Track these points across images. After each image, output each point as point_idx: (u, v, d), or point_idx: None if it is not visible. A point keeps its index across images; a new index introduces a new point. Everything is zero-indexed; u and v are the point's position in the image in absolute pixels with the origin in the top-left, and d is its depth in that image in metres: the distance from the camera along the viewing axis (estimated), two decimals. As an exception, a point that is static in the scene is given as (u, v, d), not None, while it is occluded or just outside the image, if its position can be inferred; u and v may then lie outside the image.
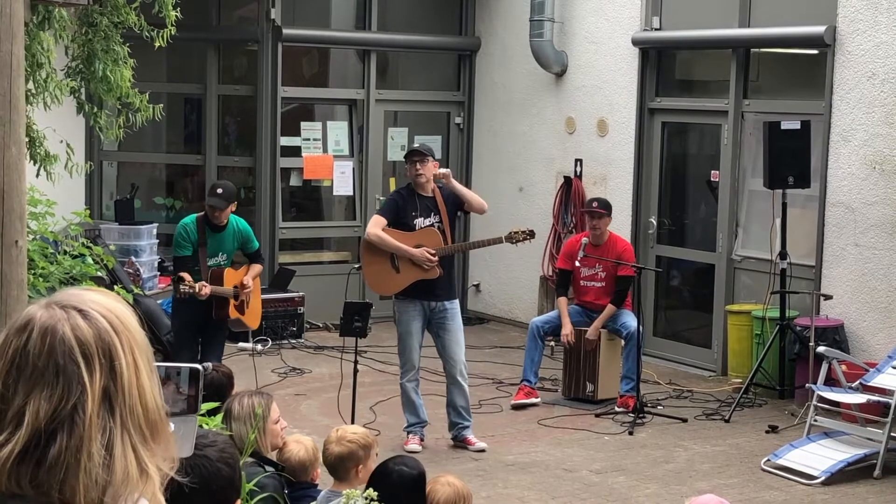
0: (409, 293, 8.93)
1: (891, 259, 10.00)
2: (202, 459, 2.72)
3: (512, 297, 13.67)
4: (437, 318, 8.93)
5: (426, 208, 8.93)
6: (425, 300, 8.90)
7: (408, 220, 8.90)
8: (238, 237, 9.03)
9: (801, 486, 8.28)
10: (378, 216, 9.02)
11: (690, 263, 12.22)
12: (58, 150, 8.13)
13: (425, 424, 9.08)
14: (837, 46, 10.35)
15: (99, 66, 8.10)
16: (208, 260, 8.88)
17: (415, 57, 14.32)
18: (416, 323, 8.92)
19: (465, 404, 9.08)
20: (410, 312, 8.92)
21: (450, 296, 9.02)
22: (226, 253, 9.00)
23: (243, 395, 5.28)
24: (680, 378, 11.26)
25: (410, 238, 8.86)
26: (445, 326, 8.94)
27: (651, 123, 12.18)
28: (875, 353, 9.89)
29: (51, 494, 1.75)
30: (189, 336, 8.98)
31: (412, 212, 8.90)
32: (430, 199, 8.96)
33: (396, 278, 8.94)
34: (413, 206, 8.91)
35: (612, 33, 12.34)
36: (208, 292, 8.66)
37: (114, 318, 1.84)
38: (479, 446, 9.01)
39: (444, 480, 5.25)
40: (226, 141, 13.74)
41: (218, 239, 8.93)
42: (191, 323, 8.93)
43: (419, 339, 8.98)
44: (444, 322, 8.93)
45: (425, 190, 8.94)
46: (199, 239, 8.83)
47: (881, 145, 10.05)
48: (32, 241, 8.34)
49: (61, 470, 1.74)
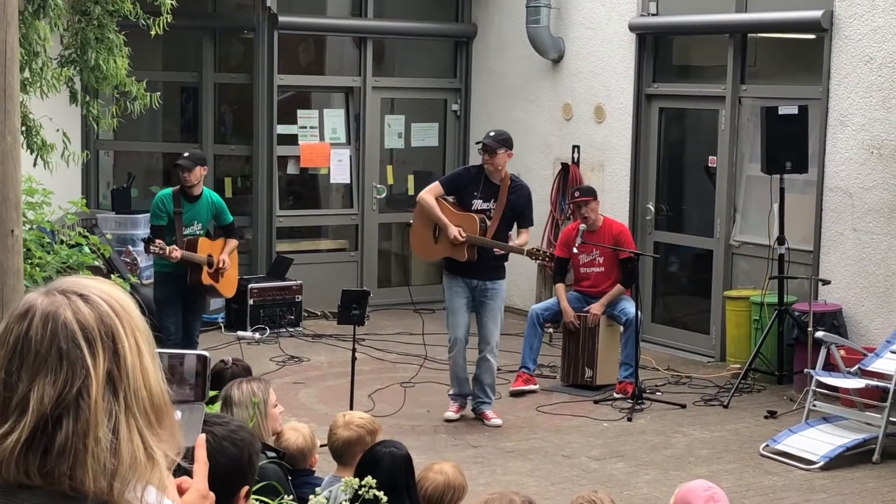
0: (452, 269, 9.23)
1: (889, 244, 9.99)
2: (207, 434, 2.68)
3: (510, 284, 13.55)
4: (478, 296, 9.20)
5: (489, 193, 9.15)
6: (466, 277, 9.16)
7: (467, 197, 9.16)
8: (212, 208, 9.54)
9: (800, 471, 8.28)
10: (438, 184, 9.36)
11: (688, 249, 12.21)
12: (54, 139, 8.12)
13: (468, 397, 9.39)
14: (835, 31, 10.33)
15: (92, 54, 8.08)
16: (185, 229, 9.39)
17: (411, 44, 14.29)
18: (458, 299, 9.20)
19: (491, 381, 9.35)
20: (453, 289, 9.23)
21: (492, 276, 9.19)
22: (201, 223, 9.51)
23: (241, 382, 5.28)
24: (678, 364, 11.27)
25: (452, 217, 9.10)
26: (484, 305, 9.20)
27: (648, 109, 12.16)
28: (873, 337, 9.89)
29: (61, 482, 1.74)
30: (172, 307, 9.42)
31: (474, 191, 9.15)
32: (496, 187, 9.16)
33: (432, 247, 9.35)
34: (476, 186, 9.16)
35: (608, 19, 12.31)
36: (179, 255, 9.17)
37: (114, 303, 1.83)
38: (494, 422, 9.23)
39: (438, 468, 5.16)
40: (222, 129, 13.71)
41: (193, 209, 9.44)
42: (172, 294, 9.41)
43: (463, 315, 9.23)
44: (483, 301, 9.19)
45: (494, 177, 9.16)
46: (175, 208, 9.37)
47: (879, 130, 10.03)
48: (29, 231, 8.33)
49: (70, 456, 1.74)
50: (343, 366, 9.87)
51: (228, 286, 9.79)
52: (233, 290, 10.00)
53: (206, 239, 9.49)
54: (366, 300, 8.80)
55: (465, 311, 9.21)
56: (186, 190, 9.41)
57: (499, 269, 9.27)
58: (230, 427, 2.90)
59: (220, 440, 2.79)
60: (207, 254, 9.44)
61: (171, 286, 9.40)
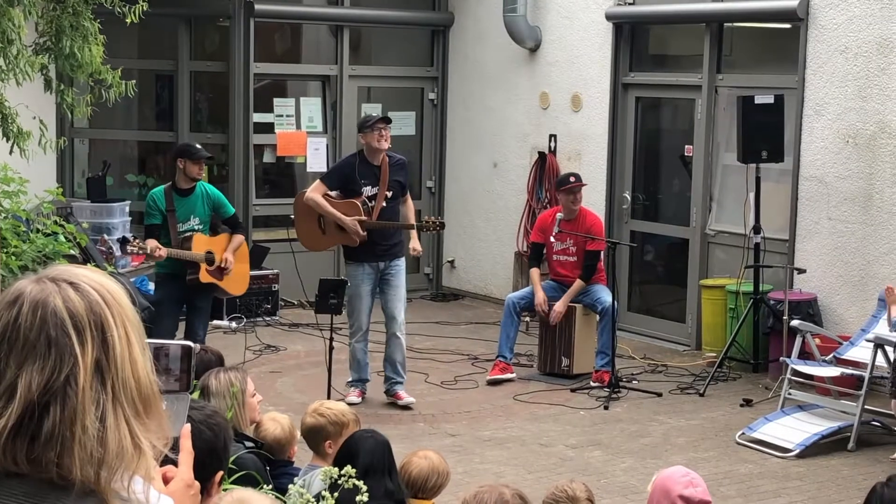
0: (356, 257, 9.27)
1: (863, 233, 10.05)
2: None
3: (487, 273, 13.67)
4: (383, 276, 9.27)
5: (374, 177, 9.26)
6: (372, 262, 9.23)
7: (355, 186, 9.24)
8: (208, 201, 9.10)
9: (776, 458, 8.32)
10: (320, 182, 9.44)
11: (664, 238, 12.24)
12: (31, 127, 8.07)
13: (367, 382, 9.50)
14: (810, 20, 10.36)
15: (66, 42, 8.03)
16: (181, 225, 9.00)
17: (388, 32, 14.26)
18: (364, 286, 9.26)
19: (402, 359, 9.43)
20: (359, 276, 9.26)
21: (395, 255, 9.33)
22: (198, 217, 9.06)
23: (219, 371, 5.27)
24: (654, 353, 11.30)
25: (338, 208, 9.21)
26: (389, 283, 9.28)
27: (625, 98, 12.18)
28: (848, 326, 9.94)
29: (48, 470, 1.74)
30: (170, 309, 9.07)
31: (360, 178, 9.23)
32: (378, 169, 9.28)
33: (321, 239, 9.49)
34: (359, 173, 9.25)
35: (585, 8, 12.31)
36: (163, 254, 8.80)
37: (105, 292, 1.83)
38: (406, 401, 9.32)
39: (423, 454, 5.23)
40: (198, 118, 13.66)
41: (187, 204, 9.01)
42: (172, 296, 9.07)
43: (368, 302, 9.31)
44: (388, 279, 9.28)
45: (376, 159, 9.26)
46: (167, 206, 8.96)
47: (854, 119, 10.08)
48: (5, 220, 8.30)
49: (57, 444, 1.74)
50: (320, 355, 9.85)
51: (235, 284, 9.35)
52: (242, 287, 9.58)
53: (202, 235, 9.03)
54: (343, 289, 8.82)
55: (369, 297, 9.29)
56: (178, 185, 9.01)
57: (399, 245, 9.41)
58: (205, 412, 2.93)
59: (197, 424, 2.82)
60: (206, 250, 9.02)
61: (170, 287, 9.04)
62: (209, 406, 3.03)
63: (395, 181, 9.31)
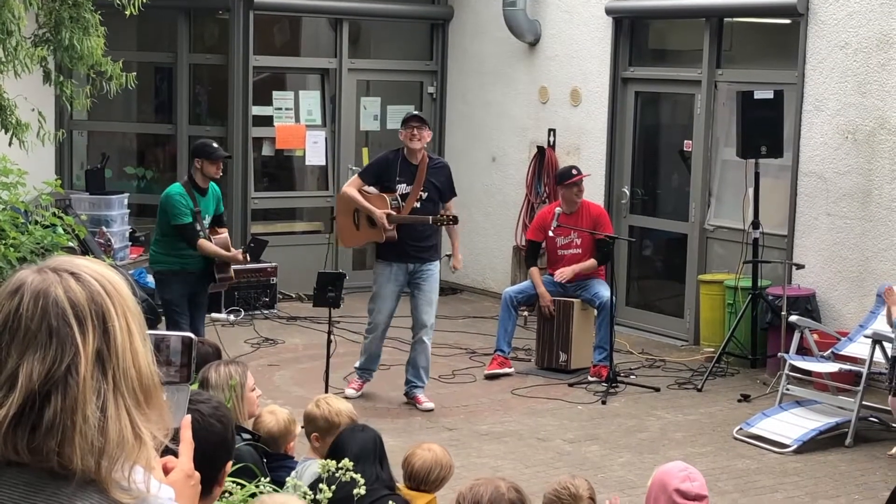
0: (385, 256, 9.19)
1: (862, 228, 10.05)
2: (194, 413, 2.69)
3: (485, 267, 13.67)
4: (413, 278, 9.16)
5: (410, 175, 9.13)
6: (403, 262, 9.12)
7: (391, 183, 9.13)
8: (216, 200, 9.14)
9: (774, 454, 8.33)
10: (357, 177, 9.37)
11: (663, 233, 12.24)
12: (29, 119, 8.06)
13: (372, 372, 9.47)
14: (810, 16, 10.36)
15: (66, 34, 8.02)
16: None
17: (387, 26, 14.25)
18: (388, 286, 9.17)
19: (426, 364, 9.31)
20: (384, 275, 9.18)
21: (427, 258, 9.18)
22: (209, 215, 9.11)
23: (219, 364, 5.27)
24: (652, 347, 11.30)
25: (368, 199, 9.16)
26: (420, 287, 9.16)
27: (624, 93, 12.17)
28: (846, 322, 9.95)
29: (49, 459, 1.75)
30: (184, 308, 8.98)
31: (395, 176, 9.13)
32: (415, 168, 9.14)
33: (355, 234, 9.41)
34: (396, 171, 9.14)
35: (585, 2, 12.30)
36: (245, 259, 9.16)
37: (106, 282, 1.84)
38: (426, 406, 9.19)
39: (426, 446, 5.24)
40: (197, 110, 13.65)
41: (204, 202, 9.03)
42: (183, 294, 8.96)
43: (390, 304, 9.21)
44: (419, 283, 9.16)
45: (414, 157, 9.12)
46: (194, 204, 8.90)
47: (853, 115, 10.08)
48: (3, 211, 8.28)
49: (58, 433, 1.74)
50: (318, 348, 9.86)
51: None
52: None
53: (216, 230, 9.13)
54: (341, 283, 8.79)
55: (393, 299, 9.20)
56: (196, 184, 8.92)
57: (432, 249, 9.28)
58: (212, 404, 2.96)
59: (207, 418, 2.85)
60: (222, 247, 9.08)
61: (179, 285, 8.95)
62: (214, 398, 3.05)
63: (431, 182, 9.14)
